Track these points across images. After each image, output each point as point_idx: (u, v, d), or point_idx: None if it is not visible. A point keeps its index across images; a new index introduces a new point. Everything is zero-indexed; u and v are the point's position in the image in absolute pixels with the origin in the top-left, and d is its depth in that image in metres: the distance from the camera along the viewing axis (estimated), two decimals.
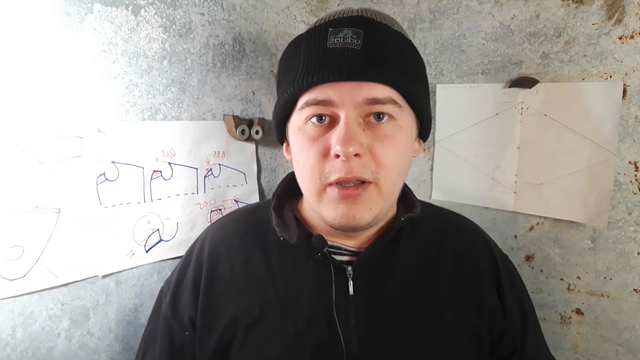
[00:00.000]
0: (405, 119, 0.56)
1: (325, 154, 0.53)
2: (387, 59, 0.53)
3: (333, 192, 0.54)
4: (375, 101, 0.52)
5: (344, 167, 0.52)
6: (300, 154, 0.56)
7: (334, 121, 0.54)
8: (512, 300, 0.66)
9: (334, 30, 0.53)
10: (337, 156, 0.52)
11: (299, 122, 0.56)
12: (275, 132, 0.64)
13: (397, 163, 0.55)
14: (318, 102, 0.53)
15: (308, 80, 0.53)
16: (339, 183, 0.53)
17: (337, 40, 0.53)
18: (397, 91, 0.54)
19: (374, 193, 0.54)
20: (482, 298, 0.63)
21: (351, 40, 0.52)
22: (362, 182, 0.53)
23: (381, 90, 0.52)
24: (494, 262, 0.66)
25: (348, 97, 0.52)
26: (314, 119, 0.54)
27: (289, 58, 0.58)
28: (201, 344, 0.62)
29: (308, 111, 0.54)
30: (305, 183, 0.57)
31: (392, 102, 0.53)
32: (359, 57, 0.52)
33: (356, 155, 0.51)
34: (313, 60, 0.53)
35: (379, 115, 0.54)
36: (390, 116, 0.54)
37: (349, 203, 0.53)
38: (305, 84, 0.53)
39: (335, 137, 0.52)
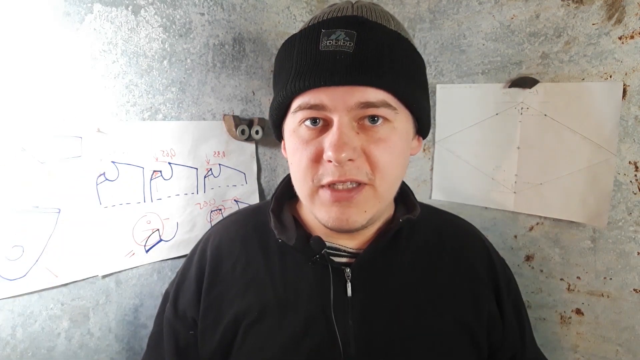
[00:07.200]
0: (400, 120, 0.55)
1: (318, 157, 0.53)
2: (380, 61, 0.52)
3: (325, 194, 0.53)
4: (368, 105, 0.51)
5: (337, 171, 0.51)
6: (294, 156, 0.56)
7: (327, 124, 0.53)
8: (509, 304, 0.66)
9: (326, 32, 0.52)
10: (330, 161, 0.51)
11: (293, 124, 0.55)
12: (272, 130, 0.64)
13: (393, 165, 0.54)
14: (311, 107, 0.52)
15: (300, 85, 0.52)
16: (331, 185, 0.52)
17: (330, 42, 0.51)
18: (391, 94, 0.52)
19: (370, 195, 0.54)
20: (480, 302, 0.63)
21: (343, 43, 0.51)
22: (357, 184, 0.53)
23: (374, 94, 0.51)
24: (493, 267, 0.66)
25: (341, 101, 0.51)
26: (307, 122, 0.54)
27: (282, 59, 0.57)
28: (203, 344, 0.62)
29: (301, 114, 0.54)
30: (299, 184, 0.57)
31: (386, 105, 0.52)
32: (352, 60, 0.50)
33: (349, 160, 0.51)
34: (305, 63, 0.52)
35: (373, 118, 0.53)
36: (385, 119, 0.53)
37: (342, 206, 0.53)
38: (297, 88, 0.52)
39: (327, 142, 0.51)
